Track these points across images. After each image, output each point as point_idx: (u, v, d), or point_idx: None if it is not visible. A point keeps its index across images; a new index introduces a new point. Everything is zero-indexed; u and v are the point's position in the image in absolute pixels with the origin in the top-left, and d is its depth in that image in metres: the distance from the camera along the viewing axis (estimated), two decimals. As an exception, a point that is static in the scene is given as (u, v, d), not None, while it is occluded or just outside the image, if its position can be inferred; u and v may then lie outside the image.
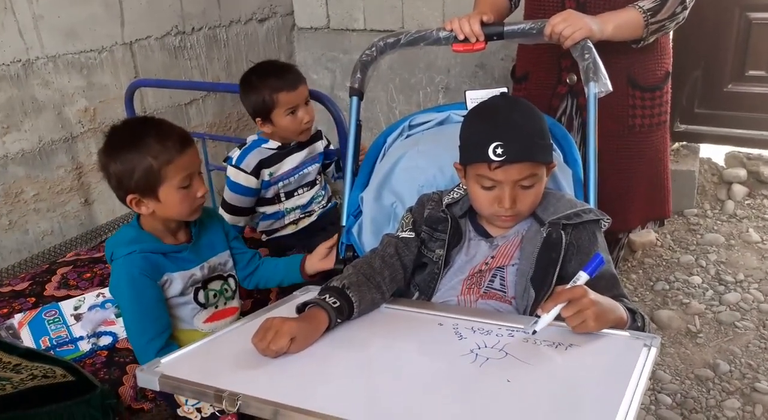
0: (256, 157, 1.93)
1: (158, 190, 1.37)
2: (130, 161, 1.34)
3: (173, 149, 1.35)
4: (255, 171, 1.93)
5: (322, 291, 1.22)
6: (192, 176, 1.39)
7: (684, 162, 2.85)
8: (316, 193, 2.08)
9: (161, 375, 1.01)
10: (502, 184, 1.22)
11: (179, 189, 1.37)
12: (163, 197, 1.38)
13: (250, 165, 1.92)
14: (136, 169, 1.34)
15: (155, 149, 1.34)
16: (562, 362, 1.03)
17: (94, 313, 1.76)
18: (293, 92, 1.87)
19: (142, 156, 1.34)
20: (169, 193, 1.37)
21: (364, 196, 1.56)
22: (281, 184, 2.00)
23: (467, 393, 0.96)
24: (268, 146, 1.96)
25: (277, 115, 1.88)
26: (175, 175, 1.36)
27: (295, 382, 1.01)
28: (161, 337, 1.41)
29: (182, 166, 1.37)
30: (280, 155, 1.97)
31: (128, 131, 1.39)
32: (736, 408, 1.87)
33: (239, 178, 1.93)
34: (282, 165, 1.98)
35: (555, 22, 1.47)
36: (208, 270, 1.53)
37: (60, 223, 2.41)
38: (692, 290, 2.38)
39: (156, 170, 1.34)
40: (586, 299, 1.05)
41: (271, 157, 1.95)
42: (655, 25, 1.62)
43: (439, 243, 1.35)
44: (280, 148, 1.97)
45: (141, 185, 1.36)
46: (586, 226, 1.28)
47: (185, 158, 1.37)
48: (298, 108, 1.89)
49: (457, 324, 1.18)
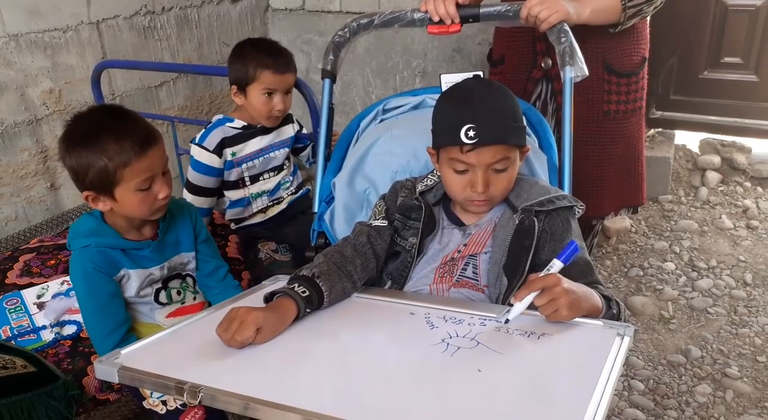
0: (218, 135, 1.88)
1: (114, 191, 1.28)
2: (85, 159, 1.25)
3: (131, 151, 1.24)
4: (217, 149, 1.88)
5: (291, 280, 1.19)
6: (153, 178, 1.30)
7: (659, 148, 2.86)
8: (283, 179, 2.03)
9: (120, 366, 0.98)
10: (475, 167, 1.19)
11: (137, 191, 1.28)
12: (119, 198, 1.29)
13: (212, 143, 1.88)
14: (91, 169, 1.25)
15: (111, 150, 1.24)
16: (534, 352, 1.02)
17: (57, 301, 1.71)
18: (277, 76, 1.83)
19: (97, 156, 1.24)
20: (126, 195, 1.29)
21: (337, 181, 1.53)
22: (245, 167, 1.94)
23: (438, 383, 0.94)
24: (232, 125, 1.91)
25: (252, 90, 1.84)
26: (132, 178, 1.26)
27: (262, 374, 0.98)
28: (118, 331, 1.37)
29: (141, 169, 1.27)
30: (245, 135, 1.92)
31: (87, 125, 1.28)
32: (707, 393, 1.89)
33: (202, 156, 1.88)
34: (246, 146, 1.92)
35: (531, 5, 1.45)
36: (168, 270, 1.46)
37: (24, 208, 2.34)
38: (666, 276, 2.40)
39: (111, 172, 1.25)
40: (559, 288, 1.03)
41: (234, 136, 1.90)
42: (633, 8, 1.60)
43: (413, 231, 1.32)
44: (245, 128, 1.92)
45: (96, 184, 1.27)
46: (560, 212, 1.26)
47: (144, 161, 1.26)
48: (276, 93, 1.85)
49: (428, 313, 1.15)
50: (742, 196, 2.77)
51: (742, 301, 2.24)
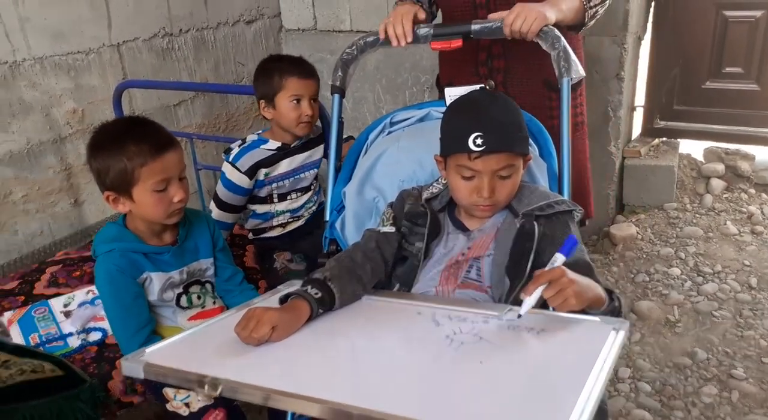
0: (253, 158, 1.93)
1: (132, 191, 1.38)
2: (107, 160, 1.37)
3: (149, 152, 1.35)
4: (250, 171, 1.93)
5: (305, 283, 1.26)
6: (169, 181, 1.39)
7: (663, 157, 2.91)
8: (308, 199, 2.10)
9: (146, 363, 1.05)
10: (481, 174, 1.26)
11: (153, 192, 1.38)
12: (137, 198, 1.39)
13: (245, 165, 1.93)
14: (111, 169, 1.36)
15: (131, 151, 1.35)
16: (532, 346, 1.08)
17: (83, 309, 1.79)
18: (303, 81, 1.89)
19: (117, 156, 1.35)
20: (143, 195, 1.38)
21: (347, 191, 1.60)
22: (275, 186, 2.01)
23: (442, 373, 1.00)
24: (267, 147, 1.96)
25: (281, 99, 1.89)
26: (148, 178, 1.36)
27: (278, 369, 1.05)
28: (143, 331, 1.44)
29: (157, 170, 1.37)
30: (279, 157, 1.97)
31: (111, 131, 1.41)
32: (713, 394, 1.92)
33: (233, 175, 1.94)
34: (278, 166, 1.98)
35: (509, 22, 1.50)
36: (188, 275, 1.54)
37: (49, 223, 2.43)
38: (671, 282, 2.44)
39: (129, 171, 1.35)
40: (565, 278, 1.09)
41: (269, 157, 1.96)
42: (592, 9, 1.66)
43: (419, 236, 1.39)
44: (279, 149, 1.97)
45: (116, 184, 1.38)
46: (559, 216, 1.32)
47: (161, 162, 1.37)
48: (303, 99, 1.90)
49: (435, 312, 1.21)
50: (746, 202, 2.80)
51: (747, 304, 2.28)
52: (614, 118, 2.76)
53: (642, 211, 2.88)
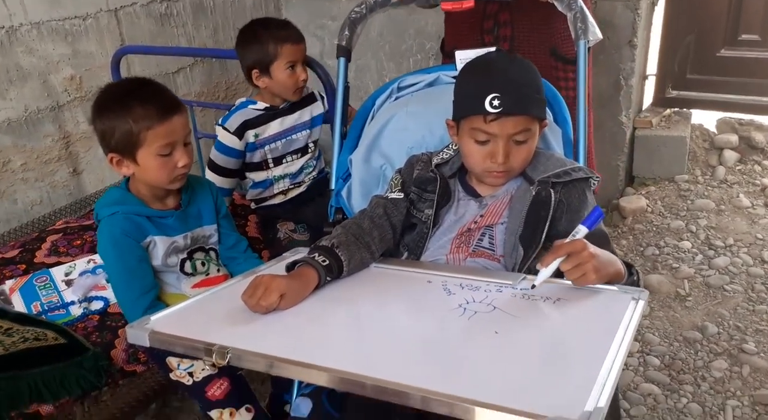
0: (240, 118, 1.92)
1: (136, 154, 1.36)
2: (112, 121, 1.34)
3: (155, 115, 1.33)
4: (239, 131, 1.92)
5: (312, 250, 1.23)
6: (174, 145, 1.37)
7: (675, 128, 2.85)
8: (306, 163, 2.06)
9: (151, 331, 1.02)
10: (497, 138, 1.21)
11: (158, 156, 1.35)
12: (141, 161, 1.37)
13: (234, 125, 1.92)
14: (117, 130, 1.34)
15: (137, 113, 1.32)
16: (550, 315, 1.04)
17: (85, 278, 1.76)
18: (296, 46, 1.87)
19: (123, 119, 1.33)
20: (148, 159, 1.36)
21: (353, 158, 1.55)
22: (267, 149, 1.98)
23: (455, 343, 0.96)
24: (255, 107, 1.95)
25: (277, 67, 1.87)
26: (154, 142, 1.34)
27: (286, 337, 1.01)
28: (148, 296, 1.41)
29: (162, 134, 1.34)
30: (267, 117, 1.95)
31: (117, 91, 1.39)
32: (723, 368, 1.89)
33: (225, 138, 1.93)
34: (268, 127, 1.96)
35: None
36: (191, 240, 1.51)
37: (49, 192, 2.39)
38: (682, 255, 2.40)
39: (135, 134, 1.33)
40: (585, 252, 1.05)
41: (257, 117, 1.94)
42: None
43: (428, 203, 1.34)
44: (267, 110, 1.95)
45: (120, 146, 1.35)
46: (576, 184, 1.28)
47: (167, 126, 1.34)
48: (297, 64, 1.89)
49: (445, 281, 1.18)
50: (760, 174, 2.75)
51: (759, 278, 2.24)
52: (626, 86, 2.69)
53: (652, 183, 2.83)
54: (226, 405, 1.47)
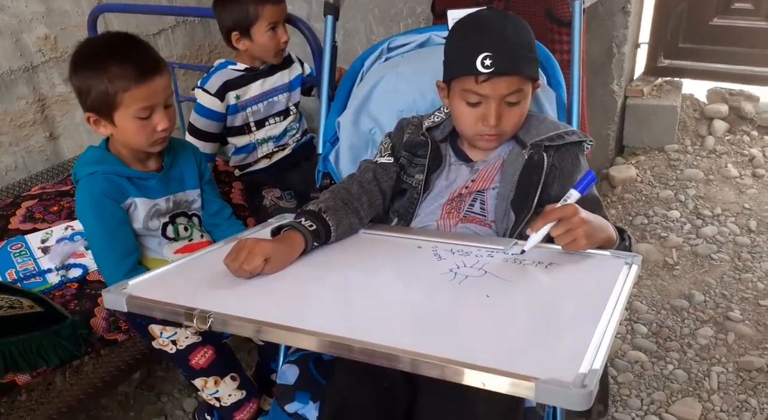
0: (221, 79, 1.87)
1: (113, 115, 1.29)
2: (88, 80, 1.27)
3: (133, 76, 1.25)
4: (220, 93, 1.87)
5: (298, 215, 1.19)
6: (153, 108, 1.30)
7: (666, 97, 2.82)
8: (289, 126, 2.02)
9: (129, 295, 0.98)
10: (489, 99, 1.17)
11: (136, 119, 1.29)
12: (118, 123, 1.30)
13: (214, 86, 1.86)
14: (93, 89, 1.27)
15: (113, 73, 1.25)
16: (542, 280, 1.02)
17: (62, 245, 1.71)
18: (277, 6, 1.81)
19: (99, 78, 1.26)
20: (125, 121, 1.29)
21: (341, 121, 1.50)
22: (249, 111, 1.93)
23: (446, 307, 0.94)
24: (234, 68, 1.89)
25: (258, 29, 1.81)
26: (131, 104, 1.27)
27: (271, 302, 0.98)
28: (129, 259, 1.36)
29: (141, 96, 1.27)
30: (247, 78, 1.90)
31: (95, 47, 1.31)
32: (709, 336, 1.90)
33: (205, 100, 1.88)
34: (249, 89, 1.91)
35: None
36: (174, 204, 1.46)
37: (24, 157, 2.32)
38: (670, 224, 2.39)
39: (111, 95, 1.26)
40: (577, 218, 1.02)
41: (237, 78, 1.89)
42: None
43: (419, 168, 1.31)
44: (247, 70, 1.90)
45: (96, 106, 1.29)
46: (569, 148, 1.24)
47: (145, 88, 1.27)
48: (278, 26, 1.84)
49: (436, 247, 1.15)
50: (748, 145, 2.73)
51: (746, 247, 2.24)
52: (618, 54, 2.65)
53: (642, 152, 2.81)
54: (211, 374, 1.44)
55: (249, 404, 1.49)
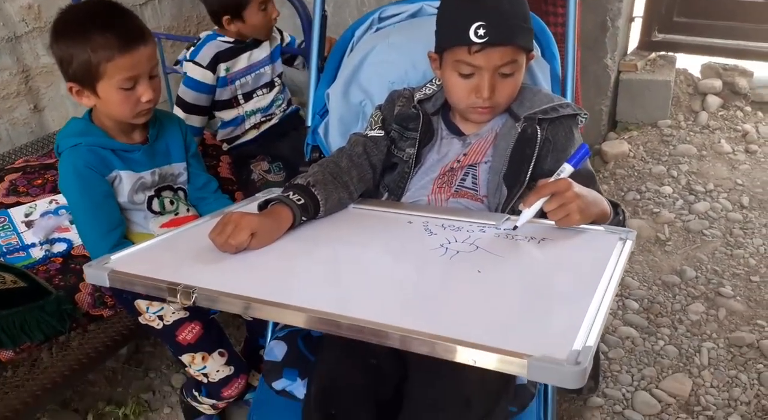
0: (212, 50, 1.84)
1: (96, 86, 1.25)
2: (69, 48, 1.22)
3: (116, 46, 1.21)
4: (211, 65, 1.83)
5: (286, 188, 1.16)
6: (137, 78, 1.25)
7: (660, 72, 2.78)
8: (275, 96, 2.00)
9: (111, 270, 0.95)
10: (482, 70, 1.14)
11: (120, 89, 1.25)
12: (101, 94, 1.26)
13: (206, 58, 1.83)
14: (74, 59, 1.22)
15: (96, 42, 1.20)
16: (535, 255, 1.00)
17: (46, 219, 1.68)
18: None
19: (81, 47, 1.21)
20: (108, 92, 1.25)
21: (331, 92, 1.47)
22: (238, 84, 1.90)
23: (436, 283, 0.92)
24: (223, 40, 1.86)
25: (250, 10, 1.79)
26: (114, 74, 1.23)
27: (257, 277, 0.96)
28: (114, 233, 1.33)
29: (124, 66, 1.22)
30: (235, 50, 1.87)
31: (78, 14, 1.26)
32: (700, 312, 1.90)
33: (195, 72, 1.84)
34: (237, 61, 1.88)
35: None
36: (159, 177, 1.42)
37: (8, 130, 2.26)
38: (663, 200, 2.38)
39: (94, 65, 1.22)
40: (570, 192, 1.00)
41: (226, 51, 1.86)
42: None
43: (410, 142, 1.28)
44: (236, 43, 1.87)
45: (79, 76, 1.25)
46: (563, 121, 1.22)
47: (129, 58, 1.22)
48: (269, 2, 1.81)
49: (427, 222, 1.13)
50: (742, 120, 2.72)
51: (738, 223, 2.24)
52: (612, 28, 2.60)
53: (635, 128, 2.79)
54: (198, 349, 1.43)
55: (237, 380, 1.48)
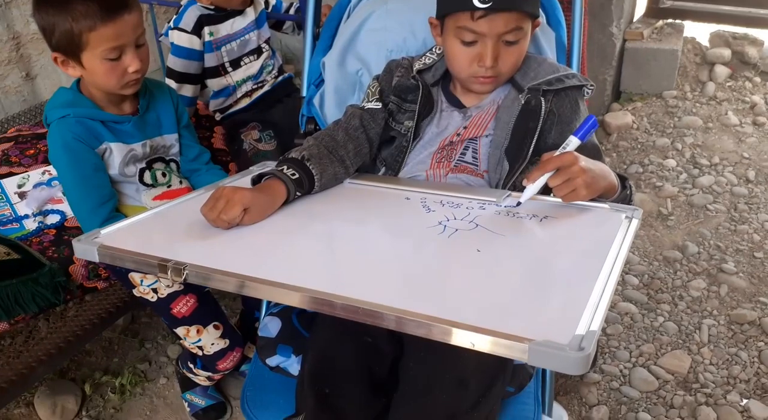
0: (194, 13, 1.78)
1: (81, 56, 1.21)
2: (51, 17, 1.18)
3: (98, 14, 1.16)
4: (196, 29, 1.79)
5: (280, 162, 1.13)
6: (123, 48, 1.21)
7: (667, 41, 2.72)
8: (264, 63, 1.94)
9: (100, 245, 0.92)
10: (485, 38, 1.09)
11: (105, 60, 1.21)
12: (87, 65, 1.22)
13: (190, 22, 1.78)
14: (56, 28, 1.18)
15: (77, 11, 1.16)
16: (537, 234, 0.97)
17: (39, 190, 1.65)
18: None
19: (63, 16, 1.17)
20: (93, 62, 1.21)
21: (326, 61, 1.42)
22: (224, 50, 1.85)
23: (435, 262, 0.89)
24: (203, 5, 1.81)
25: None
26: (98, 45, 1.19)
27: (249, 254, 0.93)
28: (105, 206, 1.30)
29: (108, 36, 1.18)
30: (218, 17, 1.82)
31: None
32: (702, 288, 1.88)
33: (182, 39, 1.79)
34: (221, 27, 1.83)
35: None
36: (151, 149, 1.39)
37: (0, 98, 2.22)
38: (666, 173, 2.34)
39: (76, 35, 1.17)
40: (576, 167, 0.96)
41: (209, 15, 1.81)
42: None
43: (409, 114, 1.24)
44: (216, 9, 1.82)
45: (62, 46, 1.20)
46: (568, 92, 1.17)
47: (113, 27, 1.18)
48: None
49: (425, 198, 1.10)
50: (750, 91, 2.66)
51: (743, 198, 2.20)
52: (619, -5, 2.54)
53: (639, 99, 2.73)
54: (193, 322, 1.41)
55: (232, 353, 1.47)
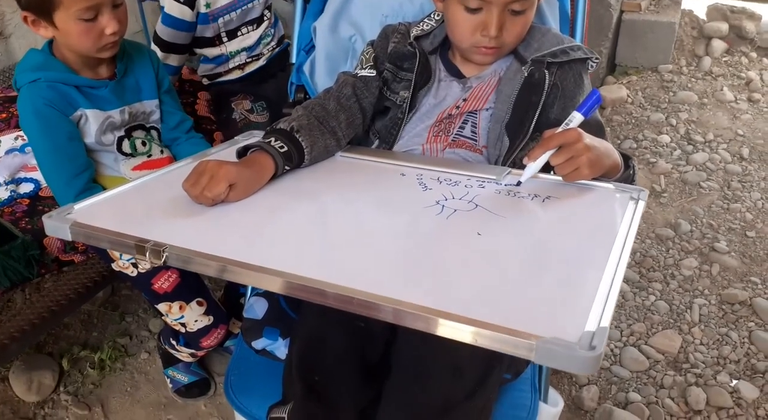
0: None
1: (53, 16, 1.12)
2: None
3: None
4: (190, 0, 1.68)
5: (267, 134, 1.06)
6: (99, 8, 1.13)
7: (664, 13, 2.66)
8: (264, 33, 1.83)
9: (73, 222, 0.86)
10: (491, 5, 1.02)
11: (79, 20, 1.13)
12: (60, 25, 1.14)
13: None
14: None
15: None
16: (539, 216, 0.92)
17: (11, 157, 1.58)
18: None
19: None
20: (67, 23, 1.13)
21: (318, 26, 1.34)
22: (221, 21, 1.74)
23: (432, 246, 0.84)
24: None
25: None
26: (72, 4, 1.11)
27: (234, 235, 0.87)
28: (81, 177, 1.23)
29: None
30: None
31: None
32: (693, 267, 1.86)
33: (173, 9, 1.69)
34: None
35: None
36: (129, 116, 1.31)
37: (-30, 58, 2.11)
38: (660, 149, 2.31)
39: None
40: (580, 144, 0.91)
41: None
42: None
43: (405, 83, 1.17)
44: None
45: (33, 5, 1.12)
46: (573, 65, 1.11)
47: None
48: None
49: (421, 174, 1.04)
50: (746, 67, 2.62)
51: (736, 175, 2.18)
52: (619, -37, 2.46)
53: (635, 72, 2.68)
54: (175, 298, 1.36)
55: (217, 330, 1.42)
